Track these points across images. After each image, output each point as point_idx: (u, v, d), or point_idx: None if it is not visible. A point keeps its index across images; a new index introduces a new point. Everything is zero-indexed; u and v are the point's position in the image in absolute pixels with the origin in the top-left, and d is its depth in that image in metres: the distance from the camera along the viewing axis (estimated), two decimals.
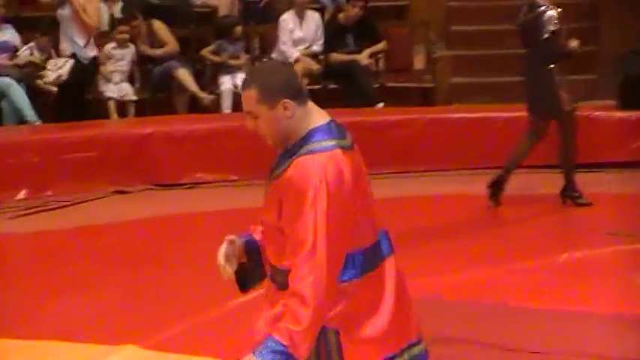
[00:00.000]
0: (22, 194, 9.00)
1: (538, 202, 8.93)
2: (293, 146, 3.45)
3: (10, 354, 5.67)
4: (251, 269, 3.71)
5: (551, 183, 9.04)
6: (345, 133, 3.52)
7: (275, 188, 3.51)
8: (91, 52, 10.42)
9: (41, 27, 10.79)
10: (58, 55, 10.64)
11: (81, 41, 10.32)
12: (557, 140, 8.66)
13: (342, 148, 3.46)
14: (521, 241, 7.84)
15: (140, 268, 6.78)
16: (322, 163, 3.35)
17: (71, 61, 10.33)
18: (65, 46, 10.46)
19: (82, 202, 8.94)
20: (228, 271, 3.64)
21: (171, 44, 10.89)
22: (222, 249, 3.65)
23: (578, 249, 7.59)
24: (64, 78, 10.32)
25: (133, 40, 10.73)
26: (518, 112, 10.04)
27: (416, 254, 7.14)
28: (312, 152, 3.39)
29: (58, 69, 10.33)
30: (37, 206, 8.88)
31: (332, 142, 3.43)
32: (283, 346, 3.35)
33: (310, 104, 3.53)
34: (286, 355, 3.37)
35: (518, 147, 8.66)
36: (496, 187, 8.47)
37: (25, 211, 8.77)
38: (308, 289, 3.36)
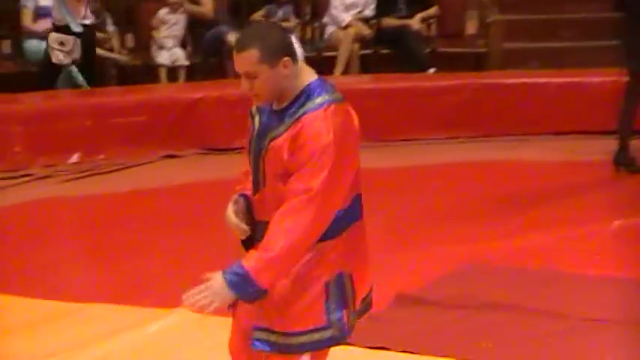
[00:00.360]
0: (74, 158, 9.04)
1: (593, 168, 8.83)
2: (291, 103, 3.54)
3: (59, 317, 5.72)
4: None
5: (608, 149, 8.90)
6: (334, 86, 3.60)
7: (278, 145, 3.53)
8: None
9: None
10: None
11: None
12: (619, 104, 8.63)
13: (341, 101, 3.55)
14: (573, 207, 7.76)
15: (189, 232, 6.84)
16: (331, 117, 3.45)
17: None
18: None
19: (133, 166, 8.97)
20: (244, 227, 3.68)
21: (206, 6, 10.98)
22: (231, 208, 3.69)
23: (632, 216, 7.43)
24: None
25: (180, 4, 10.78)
26: (572, 78, 10.15)
27: (467, 220, 7.19)
28: (318, 107, 3.48)
29: None
30: (89, 170, 8.92)
31: (332, 96, 3.50)
32: (244, 268, 3.43)
33: (300, 62, 3.61)
34: (244, 278, 3.45)
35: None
36: (623, 156, 8.52)
37: (77, 175, 8.80)
38: (297, 225, 3.45)
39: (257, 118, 3.69)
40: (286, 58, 3.46)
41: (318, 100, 3.49)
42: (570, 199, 8.07)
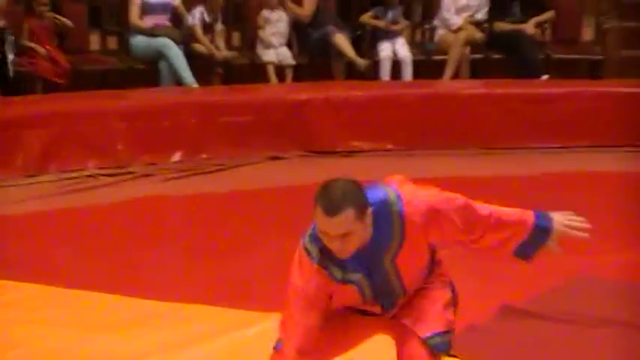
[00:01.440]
0: (177, 156, 9.12)
1: None
2: (374, 233, 3.59)
3: (156, 317, 5.75)
4: None
5: None
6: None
7: (404, 256, 3.64)
8: None
9: None
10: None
11: None
12: None
13: None
14: None
15: (290, 234, 6.83)
16: (417, 192, 3.63)
17: None
18: None
19: (237, 166, 9.03)
20: None
21: (306, 8, 10.99)
22: None
23: None
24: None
25: (282, 3, 10.91)
26: None
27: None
28: (403, 205, 3.57)
29: None
30: (192, 169, 9.00)
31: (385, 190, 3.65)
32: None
33: None
34: None
35: None
36: None
37: (180, 174, 8.88)
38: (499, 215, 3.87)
39: (347, 270, 3.66)
40: (370, 209, 3.50)
41: (394, 200, 3.58)
42: None
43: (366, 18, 10.85)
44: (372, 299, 3.76)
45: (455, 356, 4.59)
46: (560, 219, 3.89)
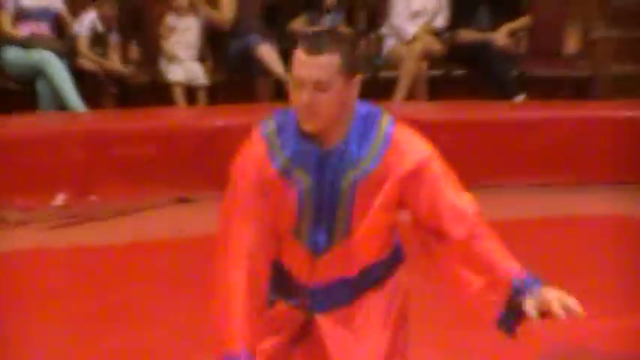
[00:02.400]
0: (60, 199, 9.11)
1: None
2: (348, 138, 3.73)
3: None
4: None
5: None
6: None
7: (374, 178, 3.72)
8: None
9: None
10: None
11: None
12: None
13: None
14: None
15: (203, 294, 6.82)
16: (414, 134, 3.80)
17: None
18: None
19: (136, 210, 9.04)
20: None
21: (225, 12, 11.12)
22: None
23: None
24: None
25: (193, 6, 11.01)
26: None
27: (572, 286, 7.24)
28: (394, 128, 3.75)
29: None
30: (80, 214, 8.97)
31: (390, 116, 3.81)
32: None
33: None
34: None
35: None
36: None
37: (64, 220, 8.87)
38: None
39: (305, 178, 3.76)
40: (359, 77, 3.61)
41: (386, 119, 3.75)
42: None
43: (298, 25, 10.96)
44: (308, 224, 3.81)
45: None
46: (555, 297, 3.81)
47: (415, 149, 3.75)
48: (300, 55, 3.60)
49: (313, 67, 3.58)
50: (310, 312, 3.97)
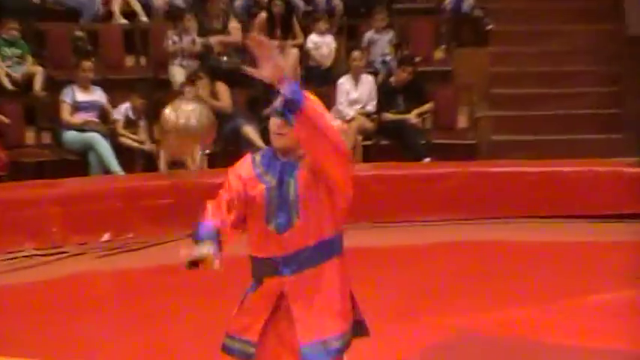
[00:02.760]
0: (106, 236, 9.04)
1: (572, 247, 8.88)
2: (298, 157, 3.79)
3: None
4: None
5: (584, 232, 9.06)
6: None
7: (304, 174, 3.77)
8: None
9: (138, 90, 10.94)
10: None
11: None
12: None
13: None
14: (554, 283, 7.67)
15: (216, 302, 6.76)
16: None
17: None
18: None
19: (160, 243, 8.92)
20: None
21: (225, 102, 11.01)
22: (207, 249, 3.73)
23: (606, 291, 7.45)
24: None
25: (199, 98, 10.78)
26: (552, 168, 10.15)
27: (453, 294, 7.22)
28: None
29: None
30: (120, 247, 8.92)
31: None
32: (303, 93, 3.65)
33: None
34: (301, 93, 3.64)
35: None
36: None
37: (109, 252, 8.81)
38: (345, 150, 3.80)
39: (267, 177, 3.88)
40: None
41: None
42: (551, 276, 7.94)
43: (271, 111, 10.85)
44: (272, 210, 3.84)
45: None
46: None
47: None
48: (272, 120, 3.74)
49: (283, 126, 3.71)
50: (282, 275, 3.86)
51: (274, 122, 3.82)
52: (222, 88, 11.09)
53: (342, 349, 3.84)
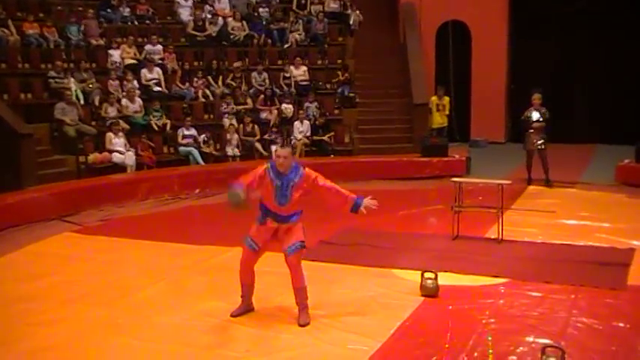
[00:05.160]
0: (197, 190, 8.44)
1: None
2: (291, 172, 3.57)
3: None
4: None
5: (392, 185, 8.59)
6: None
7: (299, 185, 3.53)
8: None
9: (207, 130, 10.38)
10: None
11: None
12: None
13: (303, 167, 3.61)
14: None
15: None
16: (310, 171, 3.61)
17: None
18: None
19: (218, 193, 7.83)
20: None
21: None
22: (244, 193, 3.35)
23: (410, 209, 7.13)
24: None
25: None
26: (380, 159, 9.81)
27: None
28: (302, 169, 3.59)
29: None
30: (204, 195, 8.27)
31: (300, 167, 3.57)
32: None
33: None
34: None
35: None
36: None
37: (200, 197, 8.23)
38: (336, 188, 3.59)
39: (276, 180, 3.54)
40: (294, 157, 3.55)
41: (300, 169, 3.61)
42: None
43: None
44: (276, 196, 3.52)
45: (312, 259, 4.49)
46: (366, 201, 3.55)
47: (312, 175, 3.56)
48: (279, 148, 3.58)
49: (283, 152, 3.53)
50: (277, 222, 3.61)
51: (281, 152, 3.52)
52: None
53: (299, 247, 3.64)
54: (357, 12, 12.62)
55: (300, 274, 3.63)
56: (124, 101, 10.21)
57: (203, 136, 10.37)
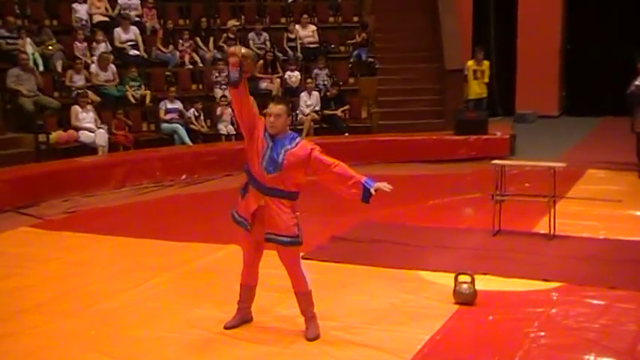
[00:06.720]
0: (183, 176, 8.72)
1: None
2: (285, 138, 3.48)
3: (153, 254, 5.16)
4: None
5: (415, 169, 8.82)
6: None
7: (293, 153, 3.45)
8: None
9: (198, 101, 10.45)
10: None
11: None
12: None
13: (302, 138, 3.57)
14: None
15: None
16: (307, 142, 3.56)
17: None
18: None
19: (209, 180, 8.40)
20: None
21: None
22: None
23: (441, 198, 7.16)
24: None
25: None
26: (405, 137, 10.04)
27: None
28: (299, 139, 3.54)
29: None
30: (190, 182, 8.50)
31: (299, 137, 3.56)
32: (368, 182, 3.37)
33: None
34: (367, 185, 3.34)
35: None
36: None
37: (185, 184, 8.43)
38: (340, 167, 3.44)
39: (269, 141, 3.48)
40: (290, 117, 3.59)
41: (297, 139, 3.54)
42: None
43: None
44: (264, 158, 3.47)
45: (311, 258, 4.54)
46: (379, 184, 3.43)
47: (308, 145, 3.52)
48: (271, 105, 3.48)
49: (275, 108, 3.45)
50: (263, 194, 3.50)
51: (273, 109, 3.43)
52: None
53: (287, 242, 3.49)
54: None
55: (300, 275, 3.57)
56: (93, 68, 10.09)
57: (191, 110, 10.35)
